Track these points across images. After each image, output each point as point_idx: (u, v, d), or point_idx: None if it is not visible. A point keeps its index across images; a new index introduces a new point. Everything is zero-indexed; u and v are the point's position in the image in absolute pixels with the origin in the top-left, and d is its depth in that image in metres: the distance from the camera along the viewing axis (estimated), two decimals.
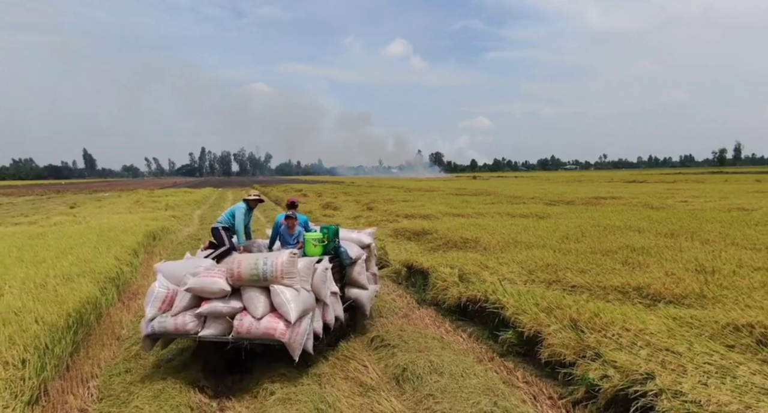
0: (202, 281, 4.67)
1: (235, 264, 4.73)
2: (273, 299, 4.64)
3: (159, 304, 4.82)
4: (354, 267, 6.04)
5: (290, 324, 4.53)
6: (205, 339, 4.64)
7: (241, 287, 4.73)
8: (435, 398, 4.11)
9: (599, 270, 7.11)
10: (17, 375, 4.00)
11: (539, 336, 4.76)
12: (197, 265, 5.13)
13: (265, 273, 4.64)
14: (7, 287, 6.30)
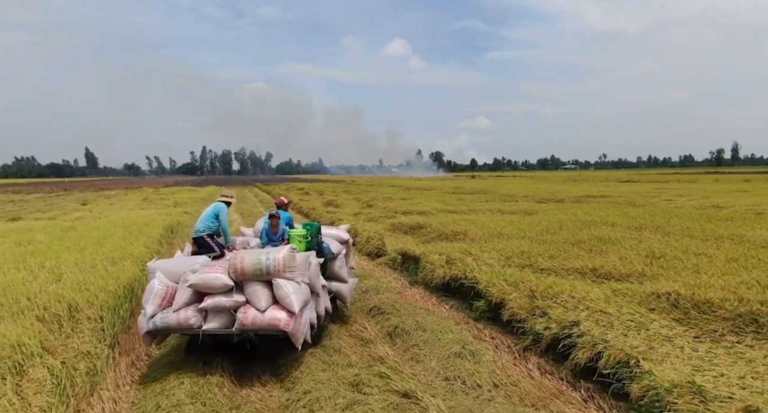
0: (204, 277, 4.90)
1: (238, 260, 4.98)
2: (275, 292, 4.94)
3: (159, 301, 4.96)
4: (335, 262, 6.39)
5: (293, 315, 4.85)
6: (209, 332, 4.89)
7: (244, 282, 4.99)
8: (419, 346, 5.34)
9: (566, 256, 8.30)
10: (98, 327, 5.22)
11: (504, 302, 5.98)
12: (193, 262, 5.36)
13: (268, 268, 4.93)
14: (64, 267, 7.50)
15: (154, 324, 4.90)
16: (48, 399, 3.81)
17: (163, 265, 5.42)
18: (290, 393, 4.41)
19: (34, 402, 3.74)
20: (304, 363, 4.94)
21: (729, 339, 4.87)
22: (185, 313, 4.88)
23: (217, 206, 6.56)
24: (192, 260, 5.55)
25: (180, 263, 5.47)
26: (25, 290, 5.97)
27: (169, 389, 4.39)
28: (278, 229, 6.38)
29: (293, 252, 5.24)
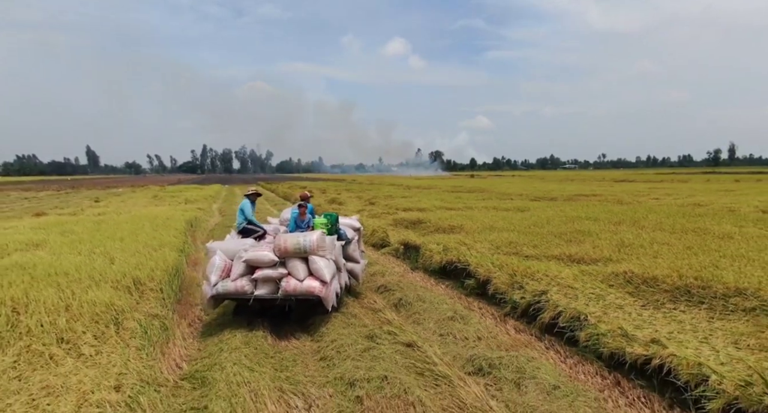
0: (256, 254, 6.23)
1: (282, 241, 6.27)
2: (311, 266, 6.24)
3: (219, 272, 6.27)
4: (350, 245, 7.57)
5: (325, 284, 6.14)
6: (260, 297, 6.15)
7: (286, 258, 6.29)
8: (419, 313, 6.57)
9: (548, 246, 9.51)
10: (159, 296, 6.45)
11: (489, 280, 7.21)
12: (242, 243, 6.79)
13: (305, 247, 6.23)
14: (113, 253, 8.72)
15: (217, 290, 6.22)
16: (140, 342, 5.04)
17: (219, 245, 6.78)
18: (320, 343, 5.64)
19: (131, 344, 4.96)
20: (328, 323, 6.17)
21: (667, 306, 6.07)
22: (241, 282, 6.22)
23: (241, 204, 8.05)
24: (241, 242, 6.98)
25: (232, 244, 6.85)
26: (91, 268, 7.20)
27: (225, 339, 5.63)
28: (305, 217, 7.51)
29: (323, 235, 6.58)
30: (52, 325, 5.09)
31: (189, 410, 4.14)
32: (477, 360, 4.90)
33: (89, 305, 5.54)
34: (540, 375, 4.45)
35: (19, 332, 5.00)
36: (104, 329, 5.16)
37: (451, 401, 4.13)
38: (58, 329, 5.04)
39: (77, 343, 4.85)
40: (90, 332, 5.06)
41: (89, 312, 5.41)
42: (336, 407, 4.18)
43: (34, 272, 6.84)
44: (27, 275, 6.66)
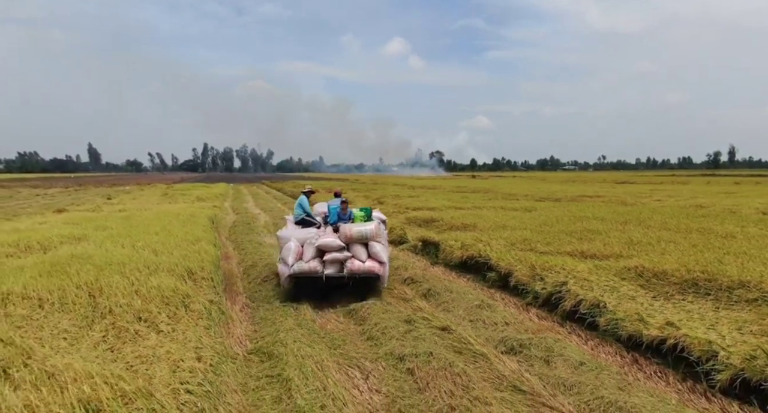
0: (326, 240, 7.45)
1: (347, 230, 7.53)
2: (370, 250, 7.54)
3: (295, 255, 7.44)
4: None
5: (383, 264, 7.51)
6: (329, 275, 7.40)
7: (350, 244, 7.52)
8: (448, 303, 7.17)
9: (560, 243, 10.11)
10: (211, 284, 7.06)
11: (511, 273, 7.81)
12: (308, 232, 8.03)
13: (366, 234, 7.50)
14: (155, 246, 9.31)
15: (293, 270, 7.38)
16: (207, 322, 5.64)
17: (285, 233, 8.02)
18: (363, 326, 6.25)
19: (199, 324, 5.56)
20: (368, 309, 6.76)
21: (676, 298, 6.67)
22: (313, 263, 7.42)
23: (299, 199, 9.17)
24: (306, 231, 8.13)
25: (298, 232, 8.04)
26: (144, 259, 7.81)
27: (278, 322, 6.26)
28: (347, 211, 8.60)
29: (380, 225, 7.86)
30: (129, 306, 5.69)
31: (264, 377, 4.74)
32: (508, 341, 5.50)
33: (156, 290, 6.16)
34: (566, 353, 5.05)
35: (100, 312, 5.61)
36: (175, 310, 5.78)
37: (491, 373, 4.72)
38: (134, 309, 5.64)
39: (154, 321, 5.45)
40: (163, 312, 5.67)
41: (158, 296, 6.03)
42: (391, 376, 4.78)
43: (94, 262, 7.44)
44: (89, 264, 7.26)
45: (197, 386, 4.15)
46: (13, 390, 3.62)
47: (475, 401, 4.10)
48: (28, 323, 5.28)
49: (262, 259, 10.26)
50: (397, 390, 4.52)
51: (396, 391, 4.51)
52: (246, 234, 14.47)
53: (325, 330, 6.21)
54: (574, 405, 4.04)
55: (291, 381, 4.51)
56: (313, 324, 6.27)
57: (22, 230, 11.54)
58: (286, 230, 8.18)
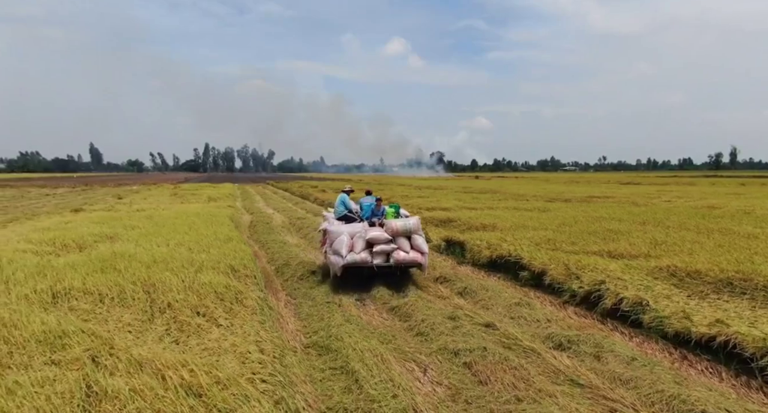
0: (374, 234, 8.23)
1: (393, 224, 8.27)
2: (413, 242, 8.32)
3: (347, 248, 8.11)
4: None
5: (424, 254, 8.33)
6: (378, 265, 8.18)
7: (395, 237, 8.25)
8: (485, 300, 7.34)
9: (585, 243, 10.27)
10: (254, 281, 7.24)
11: (545, 272, 7.98)
12: (354, 226, 8.62)
13: (410, 228, 8.29)
14: (188, 245, 9.48)
15: (347, 261, 8.05)
16: (261, 317, 5.82)
17: (341, 228, 8.52)
18: (409, 322, 6.42)
19: (254, 318, 5.73)
20: (410, 306, 6.93)
21: (711, 297, 6.83)
22: (364, 254, 8.16)
23: (341, 197, 9.93)
24: (353, 226, 8.71)
25: (343, 227, 8.62)
26: (182, 258, 7.98)
27: (327, 317, 6.44)
28: (380, 208, 9.51)
29: (419, 220, 8.63)
30: (186, 301, 5.87)
31: (328, 369, 4.92)
32: (555, 337, 5.66)
33: (209, 286, 6.33)
34: (616, 349, 5.22)
35: (158, 306, 5.79)
36: (231, 305, 5.95)
37: (546, 367, 4.89)
38: (191, 304, 5.82)
39: (212, 316, 5.63)
40: (220, 307, 5.84)
41: (211, 292, 6.21)
42: (449, 370, 4.95)
43: (138, 259, 7.62)
44: (134, 261, 7.43)
45: (269, 376, 4.31)
46: (109, 377, 3.79)
47: (539, 393, 4.26)
48: (93, 316, 5.46)
49: (293, 258, 10.43)
50: (459, 383, 4.69)
51: (458, 383, 4.68)
52: (267, 234, 14.64)
53: (371, 325, 6.38)
54: (635, 398, 4.20)
55: (357, 372, 4.69)
56: (360, 320, 6.45)
57: (52, 229, 11.71)
58: (336, 225, 8.74)
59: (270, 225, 16.88)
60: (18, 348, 4.34)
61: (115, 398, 3.47)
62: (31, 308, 5.33)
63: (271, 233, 14.89)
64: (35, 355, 4.24)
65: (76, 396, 3.49)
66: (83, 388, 3.61)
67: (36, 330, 4.60)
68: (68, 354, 4.22)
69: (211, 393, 3.59)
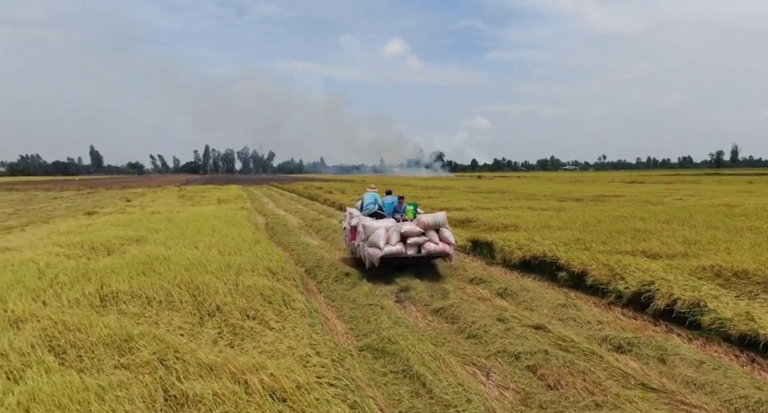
0: (409, 227, 9.04)
1: (424, 219, 9.15)
2: (441, 235, 9.17)
3: (384, 240, 8.88)
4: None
5: (452, 245, 9.17)
6: (411, 256, 8.99)
7: (426, 230, 9.08)
8: (527, 302, 7.23)
9: (616, 242, 10.15)
10: (293, 284, 7.14)
11: (585, 272, 7.87)
12: (386, 221, 9.48)
13: (438, 222, 9.19)
14: (219, 248, 9.38)
15: (384, 252, 8.82)
16: (310, 320, 5.71)
17: (374, 223, 9.28)
18: (458, 324, 6.31)
19: (303, 321, 5.63)
20: (454, 308, 6.82)
21: (762, 297, 6.71)
22: (398, 246, 8.95)
23: (372, 195, 10.67)
24: (385, 221, 9.51)
25: (378, 222, 9.40)
26: (217, 261, 7.88)
27: (373, 319, 6.33)
28: (402, 205, 10.40)
29: (445, 214, 9.45)
30: (234, 304, 5.77)
31: (390, 373, 4.82)
32: (613, 339, 5.55)
33: (254, 289, 6.23)
34: (681, 352, 5.10)
35: (207, 309, 5.69)
36: (280, 308, 5.85)
37: (612, 371, 4.78)
38: (240, 307, 5.72)
39: (263, 319, 5.53)
40: (269, 310, 5.74)
41: (257, 294, 6.12)
42: (512, 374, 4.84)
43: (174, 262, 7.52)
44: (172, 264, 7.33)
45: (335, 380, 4.21)
46: (179, 380, 3.69)
47: (618, 398, 4.16)
48: (144, 320, 5.36)
49: (322, 260, 10.33)
50: (527, 387, 4.58)
51: (525, 387, 4.57)
52: (286, 235, 14.53)
53: (419, 328, 6.27)
54: (718, 404, 4.09)
55: (422, 376, 4.58)
56: (407, 322, 6.35)
57: (75, 232, 11.62)
58: (369, 221, 9.53)
59: (287, 227, 16.79)
60: (87, 352, 4.26)
61: (200, 402, 3.37)
62: (87, 312, 5.24)
63: (290, 234, 14.78)
64: (104, 359, 4.16)
65: (157, 400, 3.39)
66: (160, 392, 3.51)
67: (101, 333, 4.52)
68: (137, 358, 4.13)
69: (295, 397, 3.49)
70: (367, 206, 10.34)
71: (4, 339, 4.44)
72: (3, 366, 3.97)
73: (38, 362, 4.02)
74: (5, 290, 6.06)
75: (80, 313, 5.26)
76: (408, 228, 9.02)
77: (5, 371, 3.90)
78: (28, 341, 4.43)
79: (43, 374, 3.78)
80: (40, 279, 6.77)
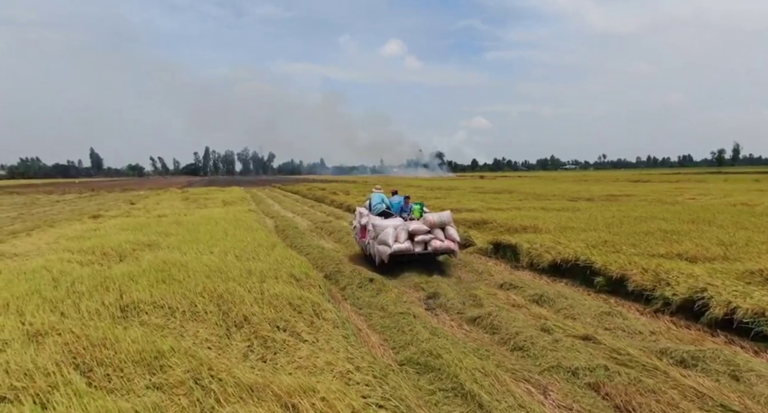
0: (416, 226, 9.57)
1: (430, 217, 9.67)
2: (446, 232, 9.68)
3: (393, 238, 9.43)
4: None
5: (456, 242, 9.73)
6: (419, 253, 9.45)
7: (432, 228, 9.58)
8: (567, 309, 6.83)
9: (646, 245, 9.71)
10: (319, 291, 6.74)
11: (625, 278, 7.46)
12: (394, 220, 10.03)
13: (444, 221, 9.72)
14: (235, 253, 8.99)
15: (393, 249, 9.34)
16: (344, 331, 5.31)
17: (384, 222, 9.82)
18: (499, 335, 5.90)
19: (337, 333, 5.23)
20: (493, 317, 6.42)
21: None
22: (407, 244, 9.45)
23: (379, 196, 11.15)
24: (393, 220, 10.05)
25: (387, 221, 9.95)
26: (236, 267, 7.49)
27: (408, 330, 5.94)
28: (409, 204, 10.89)
29: (450, 213, 10.00)
30: (263, 315, 5.38)
31: (438, 390, 4.42)
32: (673, 352, 5.14)
33: (282, 298, 5.85)
34: (755, 367, 4.68)
35: (233, 320, 5.30)
36: (311, 319, 5.45)
37: (684, 390, 4.37)
38: (269, 318, 5.32)
39: (295, 331, 5.13)
40: (300, 321, 5.35)
41: (285, 304, 5.73)
42: (573, 392, 4.44)
43: (192, 268, 7.13)
44: (191, 271, 6.95)
45: (382, 400, 3.82)
46: (219, 403, 3.31)
47: None
48: (168, 332, 4.97)
49: (341, 264, 9.91)
50: (592, 407, 4.19)
51: (590, 408, 4.18)
52: (299, 238, 14.12)
53: (458, 339, 5.87)
54: None
55: (477, 396, 4.18)
56: (444, 332, 5.95)
57: (84, 237, 11.23)
58: (378, 220, 10.05)
59: (298, 229, 16.38)
60: (115, 370, 3.87)
61: None
62: (109, 324, 4.85)
63: (303, 237, 14.38)
64: (135, 378, 3.78)
65: None
66: None
67: (129, 349, 4.13)
68: (170, 377, 3.74)
69: None
70: (376, 205, 10.81)
71: (27, 357, 4.05)
72: (28, 387, 3.59)
73: (65, 383, 3.63)
74: (21, 301, 5.67)
75: (103, 326, 4.88)
76: (415, 227, 9.52)
77: (31, 394, 3.51)
78: (51, 358, 4.05)
79: (72, 397, 3.40)
80: (56, 289, 6.39)
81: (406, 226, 9.58)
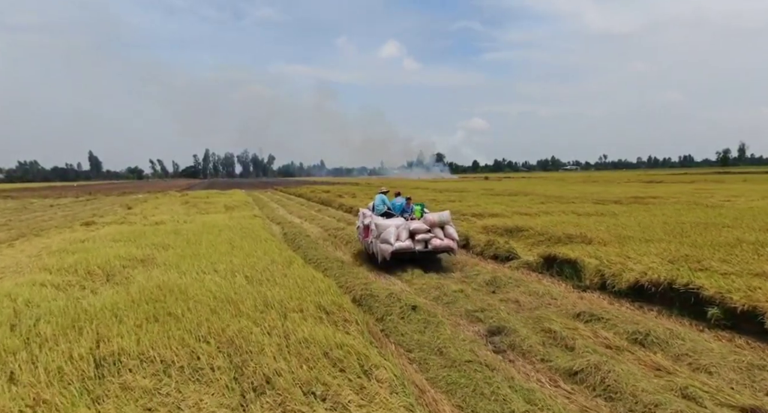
0: (417, 225, 9.88)
1: (430, 217, 10.02)
2: (445, 231, 10.05)
3: (395, 237, 9.67)
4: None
5: (455, 241, 10.17)
6: (418, 251, 9.76)
7: (432, 227, 9.93)
8: (692, 358, 5.12)
9: (739, 260, 8.02)
10: (358, 329, 5.08)
11: (757, 311, 5.75)
12: (396, 219, 10.30)
13: (443, 220, 10.09)
14: (246, 272, 7.36)
15: (395, 248, 9.62)
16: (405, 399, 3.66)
17: (385, 222, 10.11)
18: (623, 404, 4.23)
19: (396, 400, 3.59)
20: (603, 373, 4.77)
21: None
22: (407, 242, 9.76)
23: (381, 197, 11.48)
24: (395, 220, 10.32)
25: (389, 221, 10.22)
26: (248, 293, 5.88)
27: (489, 391, 4.27)
28: (410, 206, 11.25)
29: (449, 213, 10.45)
30: (291, 373, 3.74)
31: None
32: None
33: (314, 345, 4.22)
34: None
35: (251, 382, 3.67)
36: (358, 379, 3.81)
37: None
38: (299, 379, 3.71)
39: (338, 400, 3.51)
40: (343, 383, 3.71)
41: (320, 355, 4.13)
42: None
43: (192, 296, 5.51)
44: (191, 301, 5.32)
45: None
46: None
47: None
48: (159, 402, 3.34)
49: (372, 285, 8.17)
50: None
51: None
52: (313, 249, 12.42)
53: (562, 407, 4.21)
54: None
55: None
56: (542, 397, 4.26)
57: (69, 251, 9.62)
58: (381, 220, 10.33)
59: (311, 238, 14.67)
60: None
61: None
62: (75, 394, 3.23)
63: (317, 248, 12.70)
64: None
65: None
66: None
67: None
68: None
69: None
70: (377, 206, 11.22)
71: None
72: None
73: None
74: None
75: (64, 402, 3.26)
76: (416, 226, 9.89)
77: None
78: None
79: None
80: (12, 330, 4.77)
81: (407, 225, 9.89)
